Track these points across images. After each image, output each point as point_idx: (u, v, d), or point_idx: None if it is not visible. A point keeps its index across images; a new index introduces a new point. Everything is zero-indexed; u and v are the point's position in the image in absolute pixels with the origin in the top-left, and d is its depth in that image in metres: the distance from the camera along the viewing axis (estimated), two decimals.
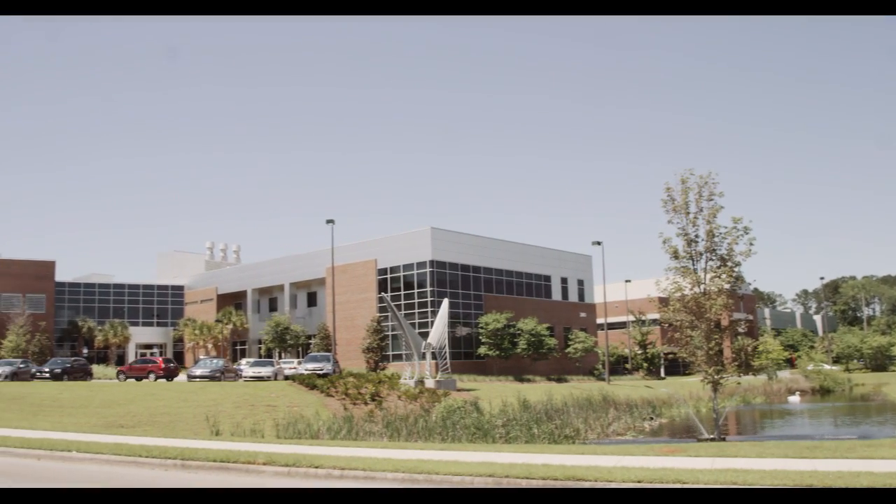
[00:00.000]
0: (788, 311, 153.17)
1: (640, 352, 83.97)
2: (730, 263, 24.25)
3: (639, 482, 11.55)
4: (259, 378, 45.84)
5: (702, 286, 24.38)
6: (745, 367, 26.49)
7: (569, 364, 72.22)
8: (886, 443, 17.55)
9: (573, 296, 79.11)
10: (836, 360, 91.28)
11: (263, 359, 62.82)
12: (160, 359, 51.97)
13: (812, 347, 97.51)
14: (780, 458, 13.82)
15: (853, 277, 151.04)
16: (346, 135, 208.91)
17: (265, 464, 14.49)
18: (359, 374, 44.76)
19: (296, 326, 72.56)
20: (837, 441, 18.35)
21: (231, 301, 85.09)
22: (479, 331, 65.15)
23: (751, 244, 24.16)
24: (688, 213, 24.46)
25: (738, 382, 35.36)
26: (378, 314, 64.60)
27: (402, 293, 65.52)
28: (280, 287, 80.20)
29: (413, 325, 57.61)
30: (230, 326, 79.95)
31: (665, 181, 24.97)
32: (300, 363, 51.81)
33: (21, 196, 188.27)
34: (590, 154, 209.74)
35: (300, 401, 34.29)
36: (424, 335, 51.31)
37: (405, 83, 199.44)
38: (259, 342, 78.51)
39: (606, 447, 18.85)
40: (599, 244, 67.52)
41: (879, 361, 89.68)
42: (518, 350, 64.65)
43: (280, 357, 69.61)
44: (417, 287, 64.90)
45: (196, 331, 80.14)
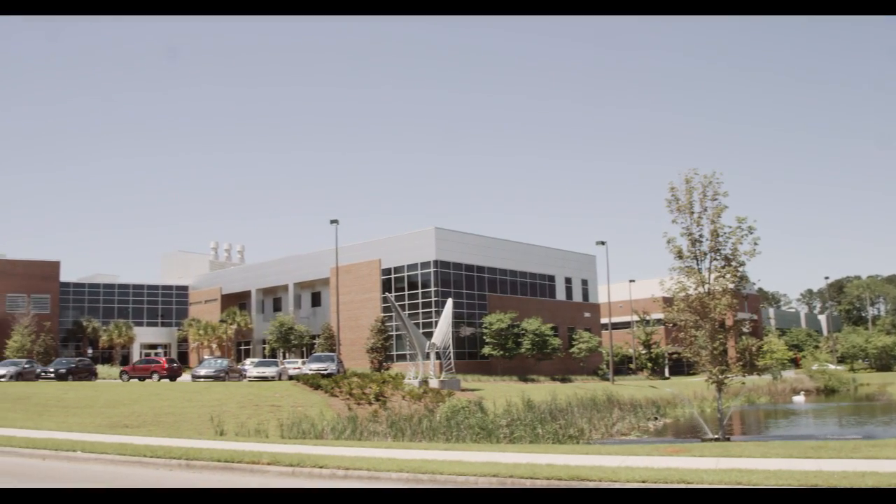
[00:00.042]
0: (793, 311, 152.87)
1: (645, 352, 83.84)
2: (734, 263, 24.20)
3: (643, 482, 11.53)
4: (263, 378, 45.88)
5: (706, 286, 24.34)
6: (750, 367, 26.36)
7: (573, 364, 72.17)
8: (891, 443, 17.50)
9: (577, 296, 79.05)
10: (841, 360, 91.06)
11: (267, 359, 62.82)
12: (164, 359, 52.04)
13: (817, 347, 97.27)
14: (785, 458, 13.79)
15: (858, 277, 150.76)
16: (350, 135, 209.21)
17: (269, 464, 14.51)
18: (363, 374, 44.80)
19: (300, 326, 72.62)
20: (842, 441, 18.30)
21: (235, 301, 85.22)
22: (483, 331, 65.11)
23: (755, 244, 24.10)
24: (692, 213, 24.43)
25: (743, 382, 35.19)
26: (382, 314, 64.64)
27: (406, 293, 65.53)
28: (284, 287, 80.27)
29: (417, 325, 57.60)
30: (234, 326, 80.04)
31: (669, 181, 24.97)
32: (304, 363, 51.87)
33: (26, 197, 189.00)
34: (593, 154, 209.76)
35: (304, 401, 34.32)
36: (428, 335, 51.32)
37: (407, 83, 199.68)
38: (263, 342, 78.62)
39: (611, 447, 18.83)
40: (603, 244, 67.43)
41: (884, 361, 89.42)
42: (522, 350, 64.61)
43: (284, 357, 69.64)
44: (421, 287, 64.90)
45: (200, 331, 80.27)
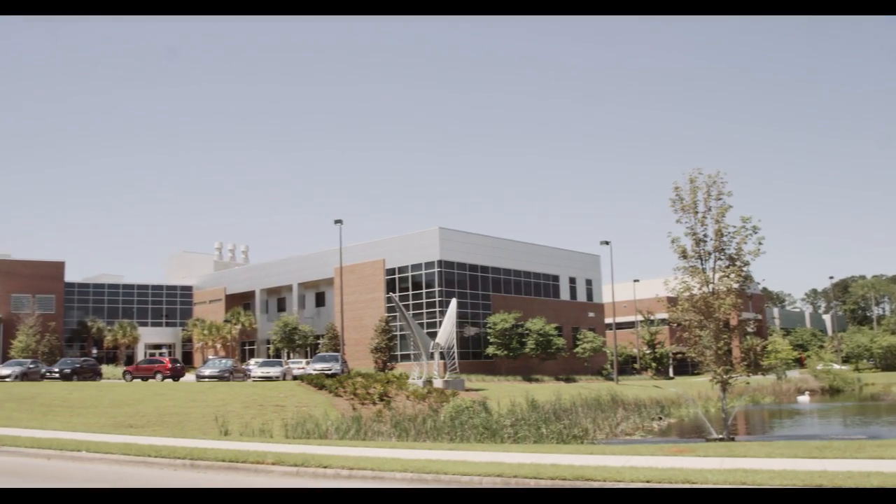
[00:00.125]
0: (798, 311, 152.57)
1: (649, 351, 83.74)
2: (739, 263, 24.18)
3: (647, 482, 11.52)
4: (267, 378, 45.92)
5: (710, 286, 24.33)
6: (754, 367, 26.40)
7: (577, 364, 72.11)
8: None
9: (581, 295, 78.98)
10: (846, 360, 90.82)
11: (272, 359, 62.94)
12: (167, 359, 52.13)
13: (821, 347, 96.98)
14: (790, 459, 13.76)
15: (863, 277, 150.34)
16: (354, 135, 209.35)
17: (274, 464, 14.52)
18: (367, 374, 44.79)
19: (304, 326, 72.69)
20: (847, 441, 18.25)
21: (239, 301, 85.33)
22: (488, 331, 65.10)
23: (760, 244, 24.10)
24: (696, 213, 24.42)
25: (747, 382, 35.17)
26: (386, 314, 64.67)
27: (411, 293, 65.55)
28: (288, 287, 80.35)
29: (421, 325, 57.62)
30: (239, 327, 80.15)
31: (673, 180, 24.99)
32: (308, 363, 51.87)
33: (32, 197, 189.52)
34: (596, 154, 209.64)
35: (309, 401, 34.33)
36: (433, 335, 51.31)
37: (411, 83, 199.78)
38: (267, 342, 78.70)
39: (615, 447, 18.81)
40: (608, 244, 67.37)
41: (889, 361, 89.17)
42: (526, 350, 64.57)
43: (288, 357, 69.71)
44: (426, 287, 64.91)
45: (205, 331, 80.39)
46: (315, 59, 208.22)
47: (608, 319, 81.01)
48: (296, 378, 45.03)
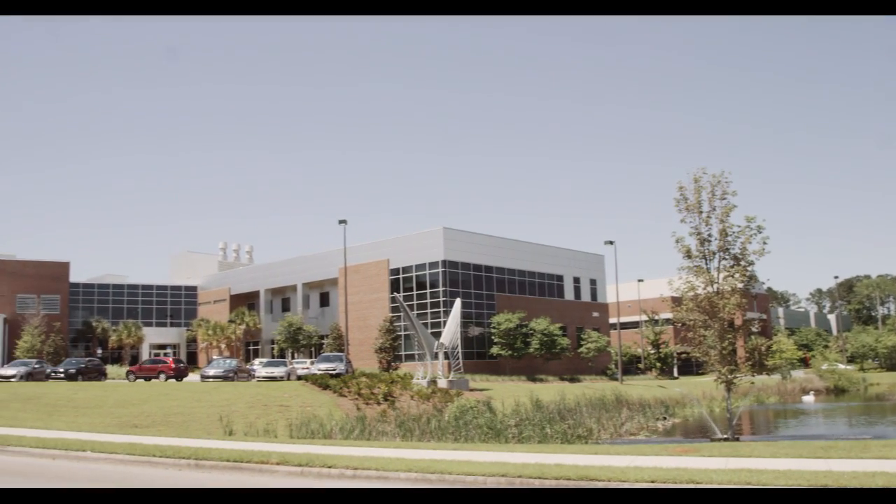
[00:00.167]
0: (802, 311, 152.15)
1: (653, 351, 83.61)
2: (743, 262, 24.14)
3: (652, 482, 11.51)
4: (272, 378, 45.96)
5: (715, 285, 24.29)
6: (759, 367, 26.30)
7: (581, 364, 72.04)
8: None
9: (586, 295, 78.90)
10: (851, 360, 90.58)
11: (276, 359, 63.02)
12: (170, 359, 52.19)
13: (826, 347, 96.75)
14: (795, 458, 13.73)
15: (867, 276, 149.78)
16: (358, 135, 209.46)
17: (278, 464, 14.53)
18: (371, 374, 44.82)
19: (308, 326, 72.74)
20: (852, 441, 18.21)
21: (244, 301, 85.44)
22: (492, 331, 65.08)
23: (764, 243, 24.06)
24: (701, 213, 24.38)
25: (752, 382, 35.14)
26: (390, 314, 64.67)
27: (415, 293, 65.57)
28: (293, 287, 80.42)
29: (425, 325, 57.64)
30: (243, 327, 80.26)
31: (678, 180, 24.94)
32: (313, 363, 51.91)
33: (36, 197, 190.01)
34: (600, 153, 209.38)
35: (313, 401, 34.37)
36: (437, 335, 51.30)
37: (414, 83, 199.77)
38: (272, 342, 78.77)
39: (619, 447, 18.79)
40: (612, 244, 67.29)
41: (894, 361, 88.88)
42: (530, 350, 64.55)
43: (293, 357, 69.80)
44: (430, 287, 64.92)
45: (209, 331, 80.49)
46: (315, 59, 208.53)
47: (612, 319, 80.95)
48: (300, 378, 45.07)
